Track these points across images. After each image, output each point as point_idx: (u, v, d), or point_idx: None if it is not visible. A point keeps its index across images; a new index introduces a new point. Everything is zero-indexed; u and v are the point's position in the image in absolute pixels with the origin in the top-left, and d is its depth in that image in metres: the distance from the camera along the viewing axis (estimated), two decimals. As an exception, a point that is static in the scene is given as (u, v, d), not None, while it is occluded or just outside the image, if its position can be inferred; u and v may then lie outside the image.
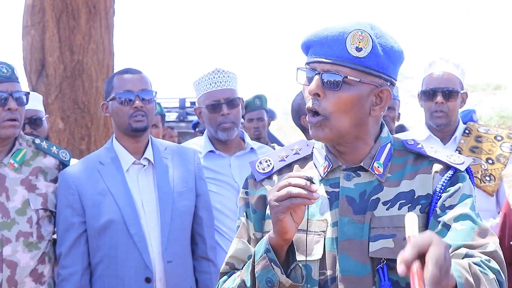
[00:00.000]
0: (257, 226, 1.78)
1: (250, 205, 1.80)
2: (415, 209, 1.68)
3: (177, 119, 8.80)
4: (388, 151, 1.74)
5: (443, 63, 3.23)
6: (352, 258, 1.65)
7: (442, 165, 1.72)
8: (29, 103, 3.47)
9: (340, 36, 1.66)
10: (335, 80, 1.65)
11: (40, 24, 4.85)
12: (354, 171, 1.72)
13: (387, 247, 1.65)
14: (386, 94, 1.71)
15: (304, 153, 1.81)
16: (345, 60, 1.65)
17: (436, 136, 3.25)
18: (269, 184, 1.78)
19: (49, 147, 2.93)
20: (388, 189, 1.69)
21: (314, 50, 1.70)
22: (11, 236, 2.72)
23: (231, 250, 1.80)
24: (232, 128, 3.24)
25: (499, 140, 3.21)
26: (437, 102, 3.15)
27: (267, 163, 1.82)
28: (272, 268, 1.58)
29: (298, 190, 1.52)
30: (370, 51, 1.66)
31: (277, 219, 1.55)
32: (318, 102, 1.67)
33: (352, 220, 1.67)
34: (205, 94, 3.26)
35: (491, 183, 3.11)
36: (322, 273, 1.67)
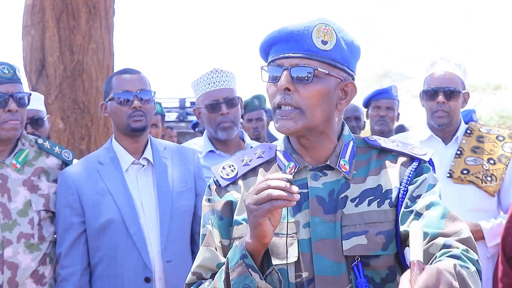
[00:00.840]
0: (224, 233, 1.75)
1: (216, 212, 1.76)
2: (384, 203, 1.68)
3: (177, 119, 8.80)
4: (351, 148, 1.75)
5: (444, 63, 3.23)
6: (327, 258, 1.64)
7: (406, 158, 1.74)
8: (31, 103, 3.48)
9: (306, 30, 1.66)
10: (306, 73, 1.65)
11: (40, 24, 4.84)
12: (321, 171, 1.72)
13: (361, 244, 1.64)
14: (351, 88, 1.73)
15: (267, 156, 1.79)
16: (313, 53, 1.66)
17: (437, 136, 3.24)
18: (235, 190, 1.76)
19: (52, 147, 2.92)
20: (355, 186, 1.70)
21: (279, 47, 1.69)
22: (12, 237, 2.72)
23: (198, 259, 1.76)
24: (231, 127, 3.24)
25: (501, 140, 3.20)
26: (439, 101, 3.15)
27: (230, 168, 1.79)
28: (250, 274, 1.55)
29: (278, 192, 1.49)
30: (335, 44, 1.68)
31: (257, 223, 1.52)
32: (290, 96, 1.66)
33: (324, 220, 1.66)
34: (204, 94, 3.26)
35: (492, 184, 3.10)
36: (298, 275, 1.65)
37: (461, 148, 3.19)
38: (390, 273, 1.67)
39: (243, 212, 1.71)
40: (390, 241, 1.66)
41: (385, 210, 1.68)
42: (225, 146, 3.29)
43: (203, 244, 1.76)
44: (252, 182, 1.75)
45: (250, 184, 1.75)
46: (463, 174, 3.12)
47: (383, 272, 1.66)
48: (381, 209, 1.68)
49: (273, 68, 1.69)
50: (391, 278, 1.67)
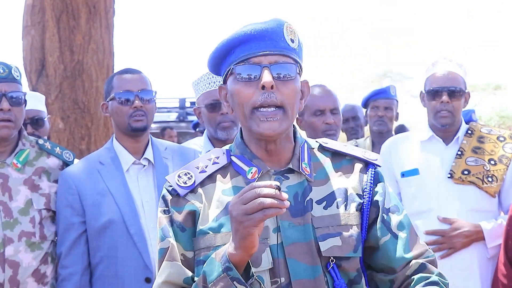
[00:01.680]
0: (187, 246, 1.67)
1: (176, 223, 1.68)
2: (350, 206, 1.69)
3: (177, 119, 8.80)
4: (307, 151, 1.74)
5: (447, 62, 3.22)
6: (302, 262, 1.62)
7: (361, 163, 1.75)
8: (31, 103, 3.47)
9: (278, 28, 1.64)
10: (288, 70, 1.64)
11: (40, 24, 4.85)
12: (282, 174, 1.69)
13: (336, 245, 1.64)
14: (306, 88, 1.74)
15: (222, 162, 1.73)
16: (288, 51, 1.65)
17: (438, 137, 3.23)
18: (195, 199, 1.68)
19: (53, 147, 2.92)
20: (318, 189, 1.69)
21: (251, 45, 1.64)
22: (14, 236, 2.71)
23: (162, 275, 1.66)
24: (231, 127, 3.25)
25: (502, 140, 3.20)
26: (443, 101, 3.13)
27: (187, 176, 1.71)
28: (235, 287, 1.50)
29: (270, 200, 1.43)
30: (298, 44, 1.68)
31: (248, 234, 1.46)
32: (274, 95, 1.62)
33: (292, 223, 1.64)
34: (204, 94, 3.26)
35: (493, 184, 3.09)
36: (274, 281, 1.61)
37: (462, 148, 3.18)
38: (357, 275, 1.68)
39: (207, 221, 1.66)
40: (358, 243, 1.67)
41: (352, 213, 1.68)
42: (225, 145, 3.29)
43: (166, 258, 1.67)
44: (211, 189, 1.70)
45: (209, 192, 1.69)
46: (464, 174, 3.11)
47: (352, 274, 1.66)
48: (349, 212, 1.68)
49: (248, 67, 1.64)
50: (358, 280, 1.67)
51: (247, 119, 1.65)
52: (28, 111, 3.44)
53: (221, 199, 1.67)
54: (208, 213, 1.67)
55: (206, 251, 1.63)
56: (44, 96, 3.72)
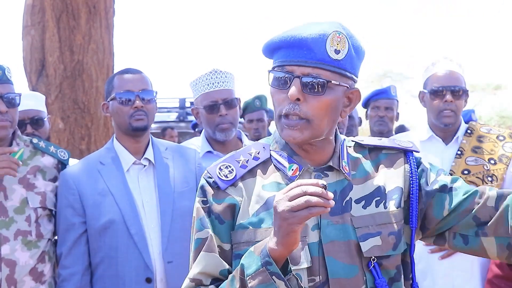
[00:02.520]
0: (224, 238, 1.69)
1: (215, 215, 1.70)
2: (389, 204, 1.70)
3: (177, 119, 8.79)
4: (346, 149, 1.76)
5: (447, 62, 3.21)
6: (339, 260, 1.64)
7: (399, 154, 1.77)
8: (31, 103, 3.47)
9: (320, 38, 1.61)
10: (318, 85, 1.61)
11: (40, 24, 4.84)
12: (322, 172, 1.71)
13: (377, 245, 1.66)
14: (355, 95, 1.72)
15: (263, 157, 1.74)
16: (325, 63, 1.62)
17: (438, 136, 3.23)
18: (235, 192, 1.70)
19: (47, 146, 2.93)
20: (357, 187, 1.71)
21: (290, 52, 1.64)
22: (9, 234, 2.72)
23: (199, 265, 1.69)
24: (230, 128, 3.25)
25: (501, 140, 3.20)
26: (447, 100, 3.13)
27: (228, 169, 1.72)
28: (274, 281, 1.51)
29: (316, 199, 1.45)
30: (347, 53, 1.65)
31: (291, 230, 1.48)
32: (298, 107, 1.62)
33: (331, 221, 1.66)
34: (203, 95, 3.26)
35: (493, 184, 3.09)
36: (311, 279, 1.63)
37: (462, 148, 3.18)
38: (397, 273, 1.70)
39: (247, 216, 1.68)
40: (399, 241, 1.69)
41: (392, 211, 1.70)
42: (223, 146, 3.29)
43: (204, 249, 1.69)
44: (251, 184, 1.71)
45: (250, 186, 1.71)
46: (464, 174, 3.11)
47: (392, 271, 1.69)
48: (388, 211, 1.70)
49: (281, 74, 1.65)
50: (398, 277, 1.70)
51: (276, 122, 1.69)
52: (28, 111, 3.44)
53: (261, 194, 1.69)
54: (248, 207, 1.69)
55: (246, 245, 1.65)
56: (44, 96, 3.72)
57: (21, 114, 3.36)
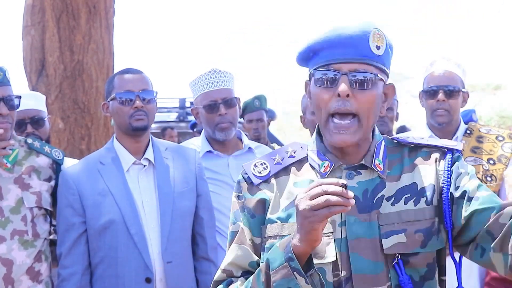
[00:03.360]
0: (255, 231, 1.74)
1: (247, 209, 1.75)
2: (420, 202, 1.70)
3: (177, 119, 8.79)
4: (383, 148, 1.77)
5: (444, 62, 3.24)
6: (364, 257, 1.66)
7: (439, 152, 1.76)
8: (32, 103, 3.48)
9: (364, 35, 1.66)
10: (366, 79, 1.66)
11: (40, 24, 4.85)
12: (355, 170, 1.73)
13: (400, 242, 1.66)
14: (391, 90, 1.76)
15: (299, 156, 1.79)
16: (370, 58, 1.67)
17: (437, 136, 3.24)
18: (267, 188, 1.75)
19: (42, 146, 2.94)
20: (390, 185, 1.72)
21: (334, 51, 1.67)
22: (6, 234, 2.73)
23: (230, 256, 1.75)
24: (229, 128, 3.25)
25: (501, 140, 3.21)
26: (439, 100, 3.15)
27: (262, 166, 1.78)
28: (295, 277, 1.54)
29: (336, 198, 1.48)
30: (385, 49, 1.70)
31: (312, 229, 1.52)
32: (348, 103, 1.65)
33: (358, 219, 1.68)
34: (202, 95, 3.26)
35: (492, 184, 3.10)
36: (335, 274, 1.66)
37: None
38: (428, 271, 1.70)
39: (277, 211, 1.72)
40: (428, 238, 1.68)
41: (422, 208, 1.70)
42: (223, 146, 3.30)
43: (235, 241, 1.75)
44: (284, 181, 1.76)
45: (282, 183, 1.75)
46: (463, 174, 3.12)
47: (422, 269, 1.69)
48: (418, 208, 1.70)
49: (327, 72, 1.68)
50: (429, 275, 1.70)
51: (323, 126, 1.70)
52: (28, 111, 3.45)
53: (292, 191, 1.73)
54: (279, 203, 1.73)
55: (273, 239, 1.69)
56: (44, 96, 3.72)
57: (22, 113, 3.38)
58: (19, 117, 3.41)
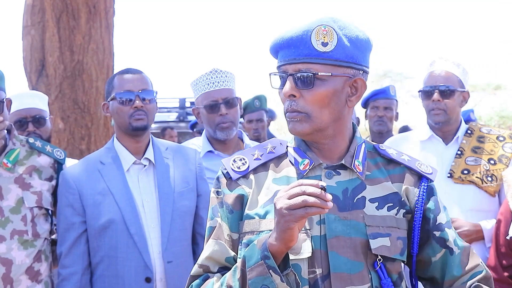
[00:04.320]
0: (233, 227, 1.75)
1: (225, 205, 1.76)
2: (399, 212, 1.74)
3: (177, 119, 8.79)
4: (363, 150, 1.78)
5: (443, 62, 3.24)
6: (343, 256, 1.66)
7: (414, 175, 1.80)
8: (34, 102, 3.50)
9: (304, 34, 1.68)
10: (307, 79, 1.68)
11: (40, 24, 4.84)
12: (334, 169, 1.74)
13: (385, 245, 1.68)
14: (360, 84, 1.75)
15: (279, 152, 1.80)
16: (313, 57, 1.68)
17: (438, 136, 3.25)
18: (245, 184, 1.76)
19: (43, 146, 2.94)
20: (372, 188, 1.74)
21: (283, 53, 1.72)
22: (5, 234, 2.72)
23: (207, 251, 1.76)
24: (230, 127, 3.26)
25: (501, 140, 3.21)
26: (434, 99, 3.17)
27: (241, 161, 1.79)
28: (270, 275, 1.55)
29: (314, 199, 1.49)
30: (336, 44, 1.69)
31: (288, 228, 1.52)
32: (295, 102, 1.69)
33: (338, 217, 1.69)
34: (203, 94, 3.26)
35: (492, 184, 3.10)
36: (311, 271, 1.66)
37: (462, 148, 3.19)
38: (398, 278, 1.72)
39: (255, 207, 1.73)
40: (405, 248, 1.73)
41: (401, 218, 1.74)
42: (223, 146, 3.30)
43: (212, 237, 1.76)
44: (263, 176, 1.77)
45: (261, 179, 1.76)
46: (464, 174, 3.12)
47: (394, 276, 1.71)
48: (398, 217, 1.73)
49: (278, 74, 1.74)
50: (398, 282, 1.72)
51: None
52: (30, 110, 3.45)
53: (271, 187, 1.74)
54: (257, 199, 1.74)
55: (250, 235, 1.70)
56: (46, 97, 3.72)
57: (24, 112, 3.41)
58: (21, 116, 3.43)
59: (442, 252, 1.76)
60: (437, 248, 1.76)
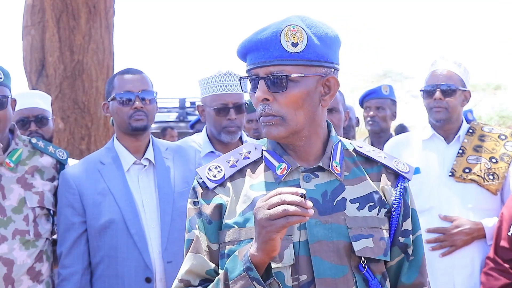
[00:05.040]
0: (212, 237, 1.70)
1: (204, 215, 1.71)
2: (380, 211, 1.71)
3: (177, 119, 8.80)
4: (340, 150, 1.75)
5: (444, 61, 3.26)
6: (327, 261, 1.63)
7: (391, 173, 1.77)
8: (36, 102, 3.52)
9: (274, 36, 1.64)
10: (280, 81, 1.63)
11: (40, 24, 4.85)
12: (312, 172, 1.70)
13: (369, 246, 1.65)
14: (333, 82, 1.71)
15: (254, 157, 1.75)
16: (284, 58, 1.64)
17: (439, 135, 3.26)
18: (223, 192, 1.71)
19: (46, 146, 2.94)
20: (351, 188, 1.70)
21: (252, 56, 1.67)
22: (7, 234, 2.72)
23: (186, 265, 1.72)
24: (236, 132, 3.28)
25: (503, 139, 3.21)
26: (435, 98, 3.18)
27: (217, 169, 1.73)
28: (254, 287, 1.52)
29: (294, 208, 1.45)
30: (307, 44, 1.65)
31: (269, 238, 1.49)
32: (269, 106, 1.65)
33: (319, 221, 1.65)
34: (213, 96, 3.26)
35: (494, 182, 3.11)
36: (295, 278, 1.62)
37: (463, 147, 3.19)
38: (382, 278, 1.70)
39: (234, 216, 1.68)
40: (388, 247, 1.70)
41: (383, 218, 1.71)
42: (225, 147, 3.30)
43: (190, 250, 1.72)
44: (240, 184, 1.72)
45: (238, 186, 1.71)
46: (465, 173, 3.12)
47: (378, 276, 1.69)
48: (380, 217, 1.70)
49: (250, 78, 1.69)
50: (383, 282, 1.70)
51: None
52: (33, 109, 3.46)
53: (249, 194, 1.69)
54: (235, 207, 1.69)
55: (231, 245, 1.66)
56: (50, 97, 3.73)
57: (26, 111, 3.42)
58: (23, 115, 3.44)
59: (400, 257, 1.73)
60: (397, 253, 1.73)
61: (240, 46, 1.70)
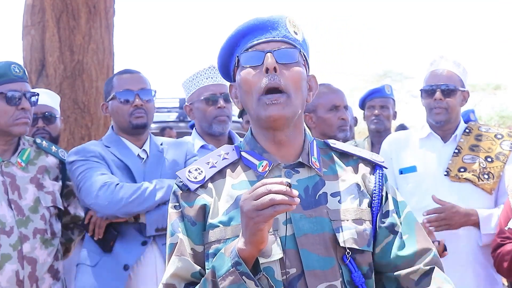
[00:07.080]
0: (197, 239, 1.69)
1: (187, 217, 1.70)
2: (363, 203, 1.72)
3: (177, 119, 8.79)
4: (316, 147, 1.77)
5: (443, 61, 3.26)
6: (314, 253, 1.64)
7: (368, 165, 1.78)
8: (45, 100, 3.57)
9: (280, 19, 1.71)
10: (290, 54, 1.68)
11: (40, 24, 4.85)
12: (293, 168, 1.72)
13: (353, 237, 1.67)
14: (314, 82, 1.77)
15: (232, 158, 1.75)
16: (290, 40, 1.70)
17: (436, 134, 3.27)
18: (205, 193, 1.71)
19: (49, 146, 2.99)
20: (330, 183, 1.72)
21: (256, 33, 1.70)
22: (28, 233, 2.77)
23: (171, 269, 1.68)
24: (227, 121, 3.30)
25: (499, 138, 3.22)
26: (436, 98, 3.18)
27: (197, 171, 1.73)
28: (244, 282, 1.52)
29: (281, 197, 1.46)
30: (303, 38, 1.74)
31: (257, 229, 1.49)
32: (278, 77, 1.66)
33: (304, 215, 1.66)
34: (201, 89, 3.29)
35: (489, 181, 3.11)
36: (284, 272, 1.62)
37: (460, 146, 3.20)
38: (369, 269, 1.70)
39: (217, 215, 1.69)
40: (371, 238, 1.71)
41: (365, 209, 1.72)
42: (216, 141, 3.31)
43: (174, 253, 1.69)
44: (221, 184, 1.72)
45: (219, 187, 1.72)
46: (460, 172, 3.13)
47: (364, 268, 1.69)
48: (362, 208, 1.72)
49: (253, 53, 1.69)
50: (369, 274, 1.70)
51: (255, 106, 1.68)
52: (41, 106, 3.50)
53: (231, 193, 1.70)
54: (218, 207, 1.69)
55: (217, 244, 1.65)
56: (59, 97, 3.77)
57: (35, 108, 3.44)
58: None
59: (389, 237, 1.71)
60: (384, 234, 1.72)
61: (243, 26, 1.72)
